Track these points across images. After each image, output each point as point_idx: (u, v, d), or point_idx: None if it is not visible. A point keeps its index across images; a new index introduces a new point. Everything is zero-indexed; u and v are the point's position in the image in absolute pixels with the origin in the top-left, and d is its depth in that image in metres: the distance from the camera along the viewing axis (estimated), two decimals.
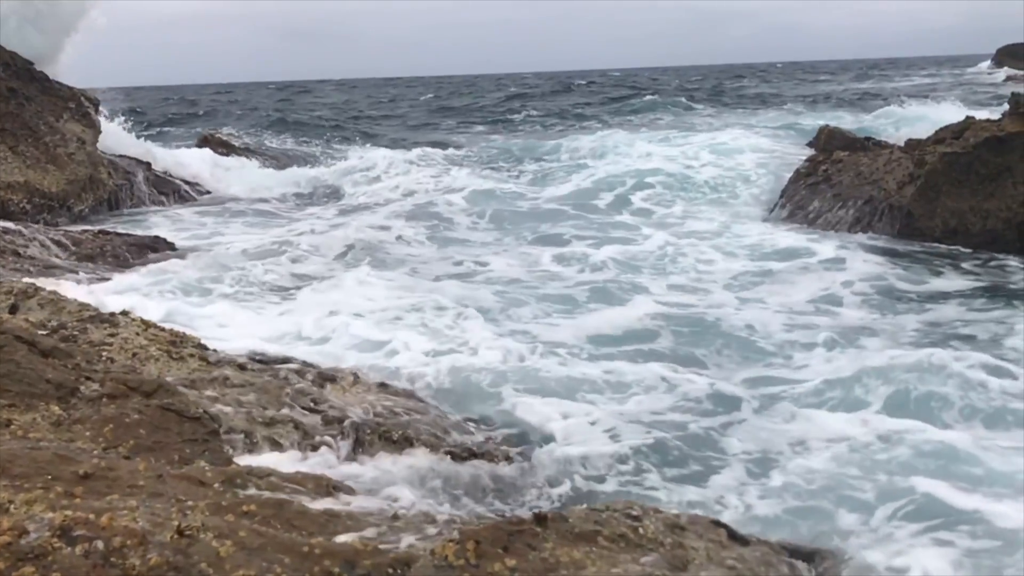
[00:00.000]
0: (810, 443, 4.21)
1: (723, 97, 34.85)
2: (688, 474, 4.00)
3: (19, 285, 5.14)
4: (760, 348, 5.73)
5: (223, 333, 5.72)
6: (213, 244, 9.78)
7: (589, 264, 8.31)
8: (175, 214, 12.23)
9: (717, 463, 4.11)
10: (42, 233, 9.13)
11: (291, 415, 4.07)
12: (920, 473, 3.76)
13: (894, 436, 4.09)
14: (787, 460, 4.05)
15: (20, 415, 2.74)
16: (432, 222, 11.02)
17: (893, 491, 3.64)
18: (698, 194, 12.59)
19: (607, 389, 4.93)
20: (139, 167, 13.43)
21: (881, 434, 4.14)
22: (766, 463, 4.07)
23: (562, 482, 3.92)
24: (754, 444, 4.27)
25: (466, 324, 6.01)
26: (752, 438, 4.33)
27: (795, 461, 4.01)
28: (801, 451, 4.14)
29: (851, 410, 4.59)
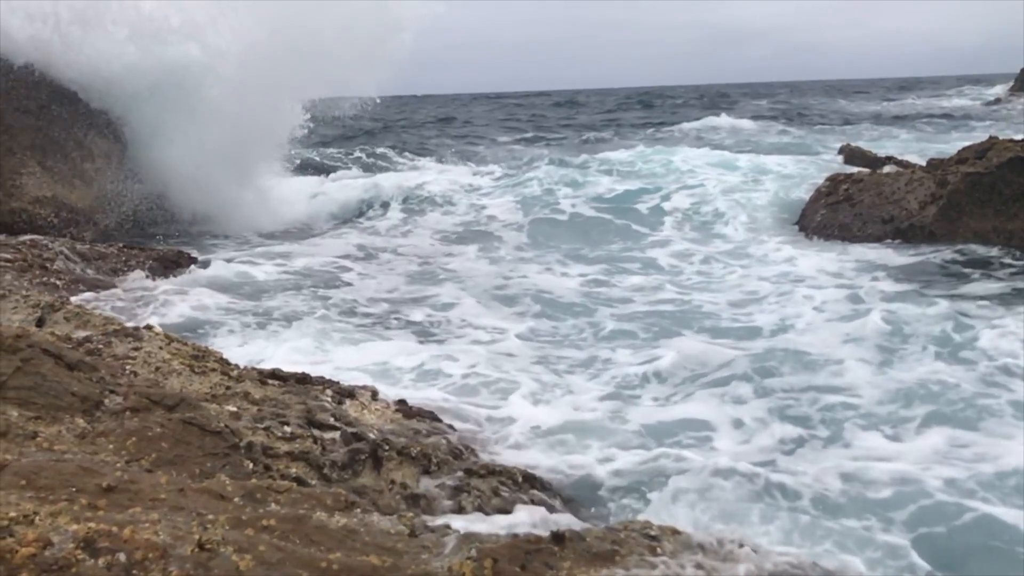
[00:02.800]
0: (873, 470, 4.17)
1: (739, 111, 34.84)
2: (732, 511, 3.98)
3: (46, 298, 5.22)
4: (812, 369, 5.69)
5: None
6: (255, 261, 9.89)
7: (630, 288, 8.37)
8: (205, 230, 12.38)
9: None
10: (68, 247, 9.25)
11: (310, 431, 4.10)
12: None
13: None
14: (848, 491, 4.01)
15: (46, 427, 2.78)
16: (479, 241, 11.19)
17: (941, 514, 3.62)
18: (749, 212, 12.61)
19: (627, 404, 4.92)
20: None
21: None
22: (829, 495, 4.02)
23: (581, 502, 3.90)
24: (818, 476, 4.19)
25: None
26: (815, 468, 4.27)
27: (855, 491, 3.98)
28: (859, 483, 4.09)
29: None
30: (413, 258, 10.10)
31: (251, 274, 8.92)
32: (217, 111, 12.08)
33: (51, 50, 11.53)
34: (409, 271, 9.26)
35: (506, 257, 10.26)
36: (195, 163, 11.86)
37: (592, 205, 12.80)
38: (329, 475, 3.85)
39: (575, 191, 14.00)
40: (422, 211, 13.52)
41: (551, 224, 12.07)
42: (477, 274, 9.06)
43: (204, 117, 12.00)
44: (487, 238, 11.46)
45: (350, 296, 7.89)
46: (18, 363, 2.94)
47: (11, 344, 2.99)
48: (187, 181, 11.94)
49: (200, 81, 12.14)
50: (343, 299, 7.77)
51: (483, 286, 8.34)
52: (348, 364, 5.77)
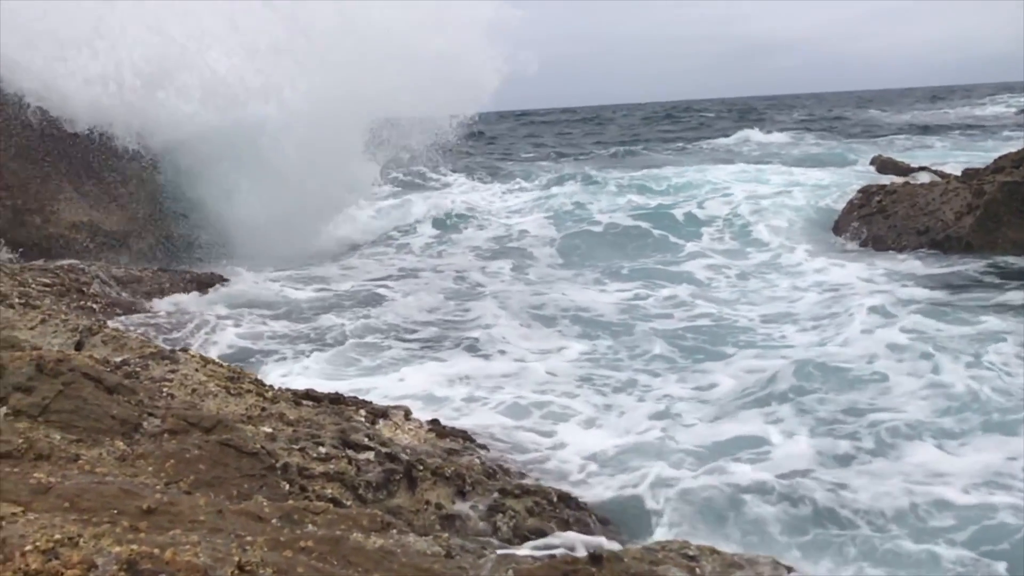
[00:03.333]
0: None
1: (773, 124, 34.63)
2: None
3: (84, 322, 5.30)
4: (855, 384, 5.59)
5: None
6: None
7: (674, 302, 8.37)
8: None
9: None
10: (103, 271, 9.41)
11: (345, 451, 4.11)
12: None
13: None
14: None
15: (87, 450, 2.82)
16: (513, 258, 11.26)
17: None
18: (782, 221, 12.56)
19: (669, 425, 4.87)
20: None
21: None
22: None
23: (619, 522, 3.86)
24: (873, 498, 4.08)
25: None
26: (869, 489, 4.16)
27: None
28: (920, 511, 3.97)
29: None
30: (449, 277, 10.11)
31: (289, 295, 8.99)
32: (288, 165, 12.10)
33: (114, 114, 11.64)
34: (445, 291, 9.27)
35: (542, 274, 10.26)
36: (264, 217, 11.83)
37: (624, 220, 12.79)
38: (364, 496, 3.86)
39: (605, 206, 14.01)
40: (455, 228, 13.57)
41: (584, 240, 12.07)
42: (514, 293, 9.05)
43: (275, 172, 12.03)
44: (521, 255, 11.48)
45: (388, 317, 7.90)
46: (60, 387, 2.98)
47: (53, 368, 3.04)
48: (254, 232, 11.88)
49: (273, 138, 12.19)
50: (381, 320, 7.78)
51: (521, 305, 8.33)
52: (387, 386, 5.79)
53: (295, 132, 12.24)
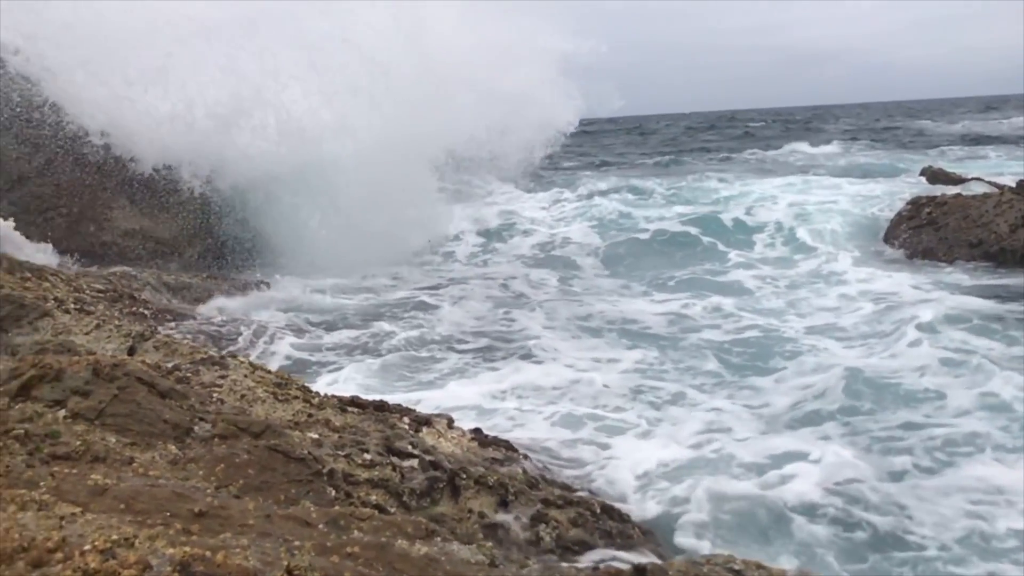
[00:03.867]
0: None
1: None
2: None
3: (137, 327, 5.42)
4: (906, 398, 5.50)
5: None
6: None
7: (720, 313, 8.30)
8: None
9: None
10: (154, 277, 9.62)
11: (389, 458, 4.14)
12: None
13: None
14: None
15: (140, 453, 2.88)
16: (559, 267, 11.28)
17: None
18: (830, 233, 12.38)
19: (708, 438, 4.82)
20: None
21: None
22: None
23: (663, 534, 3.83)
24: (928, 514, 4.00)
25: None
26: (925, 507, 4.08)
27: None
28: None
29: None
30: (496, 286, 10.14)
31: (337, 303, 9.09)
32: (358, 202, 12.12)
33: (182, 154, 11.81)
34: (493, 300, 9.30)
35: (588, 284, 10.26)
36: (328, 254, 11.79)
37: (671, 228, 12.74)
38: (408, 503, 3.88)
39: (651, 215, 13.94)
40: (500, 237, 13.61)
41: (629, 248, 12.05)
42: (561, 303, 9.06)
43: (345, 208, 12.07)
44: (567, 264, 11.49)
45: (438, 328, 7.95)
46: (115, 391, 3.06)
47: (109, 373, 3.11)
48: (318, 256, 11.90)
49: (346, 175, 12.26)
50: (430, 331, 7.83)
51: (569, 315, 8.34)
52: (439, 397, 5.82)
53: (368, 169, 12.27)
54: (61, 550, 1.90)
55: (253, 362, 4.70)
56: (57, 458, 2.61)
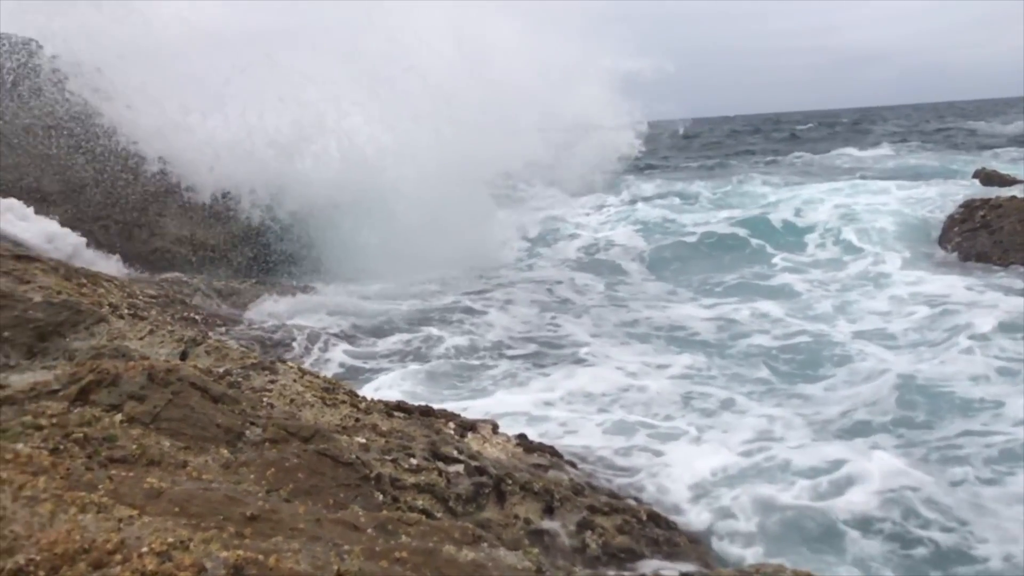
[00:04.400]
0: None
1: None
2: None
3: (189, 333, 5.52)
4: (960, 405, 5.36)
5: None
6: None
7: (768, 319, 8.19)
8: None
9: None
10: (205, 283, 9.80)
11: (435, 463, 4.16)
12: None
13: None
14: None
15: (194, 457, 2.94)
16: (605, 271, 11.26)
17: None
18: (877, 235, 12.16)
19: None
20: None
21: None
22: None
23: (712, 543, 3.78)
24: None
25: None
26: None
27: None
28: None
29: None
30: (542, 291, 10.12)
31: (386, 309, 9.13)
32: (417, 225, 12.06)
33: (241, 180, 11.97)
34: (540, 305, 9.29)
35: (634, 289, 10.21)
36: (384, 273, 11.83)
37: (716, 232, 12.62)
38: (454, 508, 3.89)
39: (696, 220, 13.82)
40: (545, 242, 13.60)
41: (675, 253, 11.97)
42: (608, 308, 9.03)
43: (403, 231, 12.01)
44: (613, 269, 11.44)
45: (486, 334, 7.97)
46: (170, 396, 3.12)
47: (163, 378, 3.18)
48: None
49: (406, 198, 12.30)
50: (479, 337, 7.85)
51: (615, 321, 8.31)
52: (488, 404, 5.83)
53: (427, 193, 12.29)
54: (120, 552, 1.95)
55: (302, 367, 4.76)
56: (114, 461, 2.68)
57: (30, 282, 6.93)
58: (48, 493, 2.22)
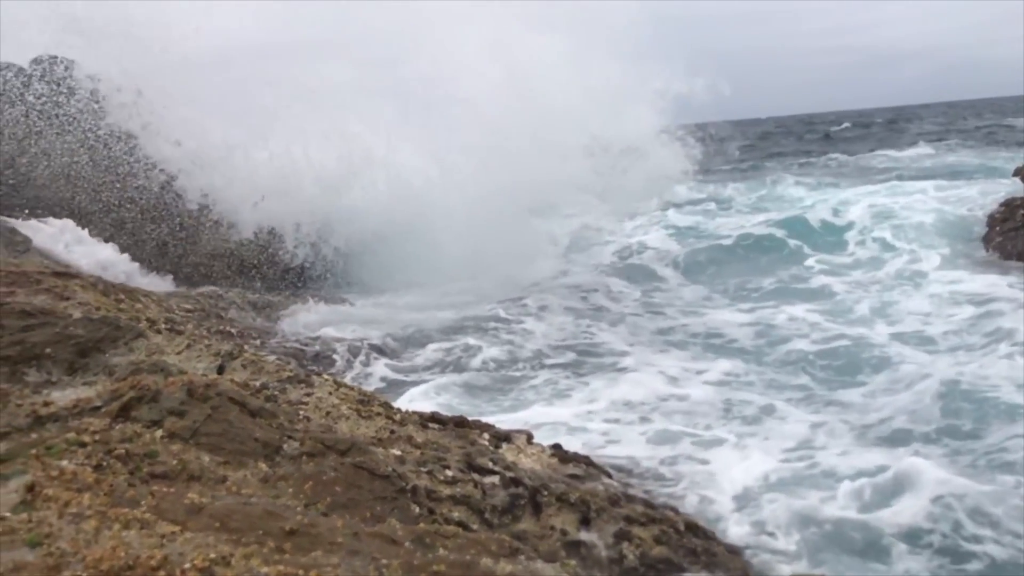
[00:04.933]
0: None
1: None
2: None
3: (225, 347, 5.59)
4: (1007, 412, 5.22)
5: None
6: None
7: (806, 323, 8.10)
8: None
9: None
10: (239, 297, 9.92)
11: (471, 475, 4.16)
12: None
13: None
14: None
15: (233, 471, 2.97)
16: (640, 277, 11.21)
17: None
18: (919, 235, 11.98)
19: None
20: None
21: None
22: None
23: (750, 553, 3.73)
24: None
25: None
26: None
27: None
28: None
29: None
30: (575, 299, 10.05)
31: (420, 319, 9.13)
32: (460, 243, 12.08)
33: (285, 216, 11.99)
34: (573, 313, 9.23)
35: (669, 295, 10.14)
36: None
37: (753, 233, 12.49)
38: (490, 520, 3.89)
39: (730, 223, 13.71)
40: (578, 247, 13.54)
41: (709, 256, 11.86)
42: (644, 315, 8.98)
43: (447, 250, 12.01)
44: (647, 274, 11.36)
45: (521, 343, 7.94)
46: (209, 411, 3.16)
47: (202, 393, 3.22)
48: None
49: (450, 224, 12.26)
50: (514, 347, 7.82)
51: (652, 328, 8.27)
52: (526, 413, 5.82)
53: (474, 220, 12.22)
54: (163, 568, 1.97)
55: (337, 379, 4.80)
56: (156, 477, 2.71)
57: (70, 298, 7.06)
58: (93, 510, 2.26)
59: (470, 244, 11.86)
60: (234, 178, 11.84)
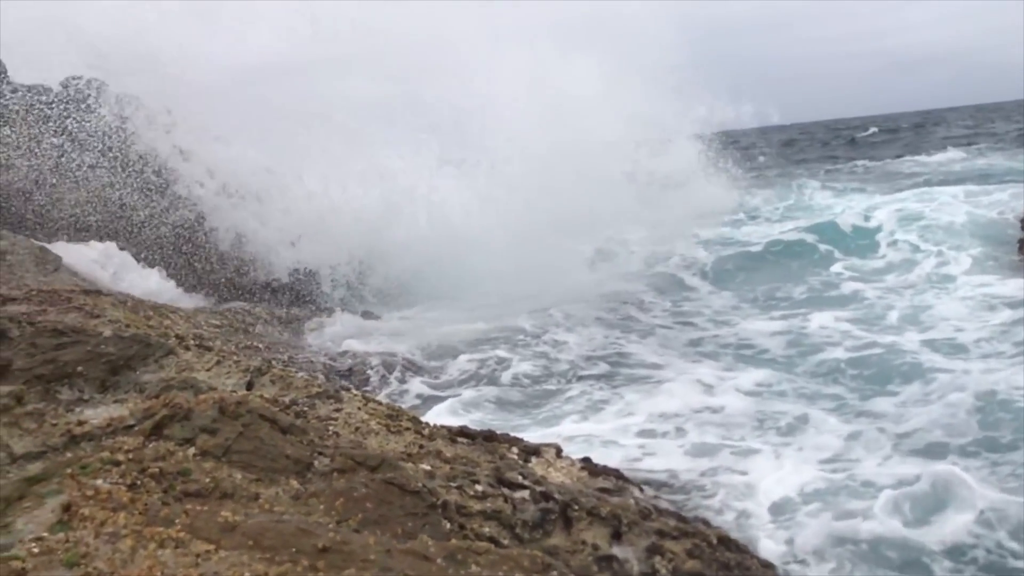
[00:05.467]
0: None
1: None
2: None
3: (254, 363, 5.62)
4: None
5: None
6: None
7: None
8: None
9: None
10: (267, 312, 9.98)
11: (500, 489, 4.14)
12: None
13: None
14: None
15: (265, 489, 2.97)
16: (669, 286, 11.17)
17: None
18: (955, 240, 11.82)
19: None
20: None
21: None
22: None
23: (786, 567, 3.67)
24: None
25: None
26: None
27: None
28: None
29: None
30: (604, 310, 9.95)
31: (449, 332, 9.10)
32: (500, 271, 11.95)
33: (322, 258, 11.87)
34: (603, 325, 9.15)
35: (698, 304, 10.05)
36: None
37: (780, 242, 12.38)
38: (521, 535, 3.86)
39: (758, 230, 13.60)
40: (605, 256, 13.45)
41: (738, 264, 11.77)
42: (673, 325, 8.90)
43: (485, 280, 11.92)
44: (676, 283, 11.27)
45: (552, 355, 7.88)
46: (240, 428, 3.17)
47: (234, 410, 3.24)
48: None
49: (490, 254, 12.15)
50: (546, 359, 7.76)
51: (683, 339, 8.21)
52: (559, 427, 5.79)
53: (514, 248, 12.11)
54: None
55: (366, 395, 4.80)
56: (189, 495, 2.72)
57: (100, 316, 7.14)
58: (128, 529, 2.27)
59: (503, 264, 11.80)
60: (270, 217, 11.76)
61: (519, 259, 11.82)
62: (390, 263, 11.77)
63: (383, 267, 11.80)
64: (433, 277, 11.64)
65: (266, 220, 11.75)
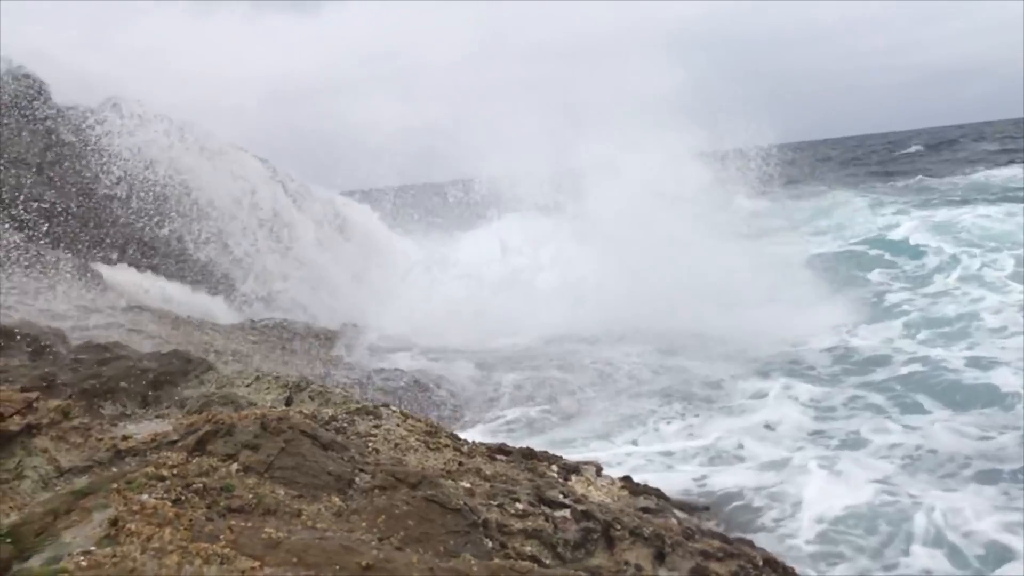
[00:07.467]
0: None
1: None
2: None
3: (292, 379, 5.63)
4: None
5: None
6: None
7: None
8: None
9: None
10: (303, 328, 10.04)
11: (541, 508, 4.09)
12: None
13: None
14: None
15: (307, 505, 2.95)
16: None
17: None
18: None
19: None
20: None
21: None
22: None
23: None
24: None
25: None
26: None
27: None
28: None
29: None
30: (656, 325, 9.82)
31: (496, 349, 9.04)
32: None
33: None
34: (654, 343, 9.03)
35: (743, 317, 9.89)
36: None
37: (828, 252, 12.19)
38: (563, 554, 3.80)
39: (799, 247, 13.39)
40: None
41: (781, 277, 11.57)
42: (718, 341, 8.77)
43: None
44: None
45: (604, 373, 7.82)
46: (282, 444, 3.16)
47: (275, 427, 3.23)
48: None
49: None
50: (597, 378, 7.70)
51: (729, 353, 8.08)
52: (612, 446, 5.74)
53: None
54: None
55: (404, 411, 4.78)
56: (232, 511, 2.71)
57: (141, 331, 7.22)
58: (174, 544, 2.26)
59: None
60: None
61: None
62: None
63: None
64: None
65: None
